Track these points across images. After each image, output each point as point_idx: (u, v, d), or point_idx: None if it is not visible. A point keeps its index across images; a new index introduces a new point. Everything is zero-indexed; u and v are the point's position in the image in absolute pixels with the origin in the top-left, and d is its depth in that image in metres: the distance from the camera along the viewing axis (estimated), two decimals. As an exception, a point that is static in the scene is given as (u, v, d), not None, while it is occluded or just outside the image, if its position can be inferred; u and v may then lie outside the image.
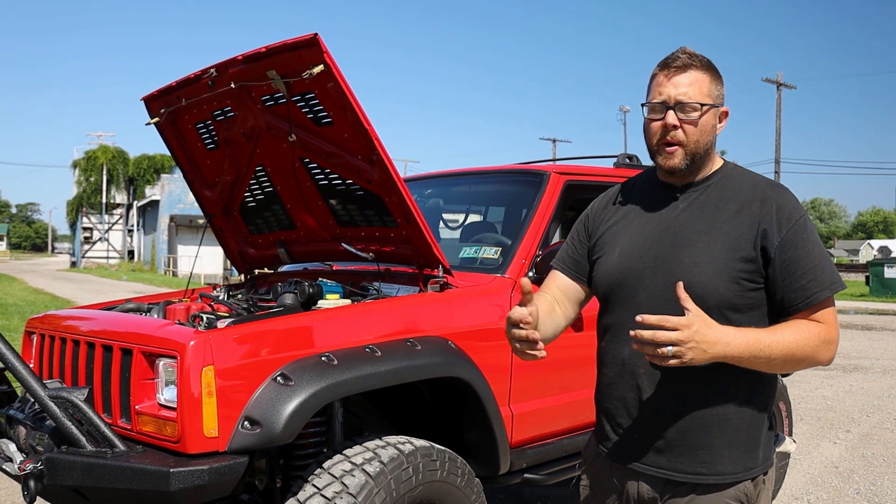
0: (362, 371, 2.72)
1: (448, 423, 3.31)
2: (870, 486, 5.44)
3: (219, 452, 2.49)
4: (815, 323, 1.89)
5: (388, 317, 3.00)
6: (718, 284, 1.90)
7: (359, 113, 3.00)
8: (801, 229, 1.91)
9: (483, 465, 3.23)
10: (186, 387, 2.47)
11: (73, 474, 2.50)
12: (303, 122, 3.34)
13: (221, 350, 2.53)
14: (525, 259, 3.51)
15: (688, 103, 1.95)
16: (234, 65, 3.28)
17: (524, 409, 3.36)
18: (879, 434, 7.00)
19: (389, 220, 3.39)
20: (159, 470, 2.39)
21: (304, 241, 3.94)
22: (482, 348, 3.18)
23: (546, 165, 4.08)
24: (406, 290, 3.43)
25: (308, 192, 3.64)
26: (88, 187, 54.14)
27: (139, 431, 2.65)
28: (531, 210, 3.68)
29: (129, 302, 3.76)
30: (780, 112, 36.78)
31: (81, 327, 3.12)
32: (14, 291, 23.93)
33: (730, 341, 1.79)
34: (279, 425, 2.48)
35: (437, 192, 4.64)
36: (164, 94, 3.75)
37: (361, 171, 3.27)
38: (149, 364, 2.67)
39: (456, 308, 3.20)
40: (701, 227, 1.98)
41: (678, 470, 1.97)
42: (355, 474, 2.63)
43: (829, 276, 1.90)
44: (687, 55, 1.99)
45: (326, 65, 2.92)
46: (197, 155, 4.00)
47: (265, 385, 2.57)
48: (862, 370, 10.74)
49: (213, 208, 4.16)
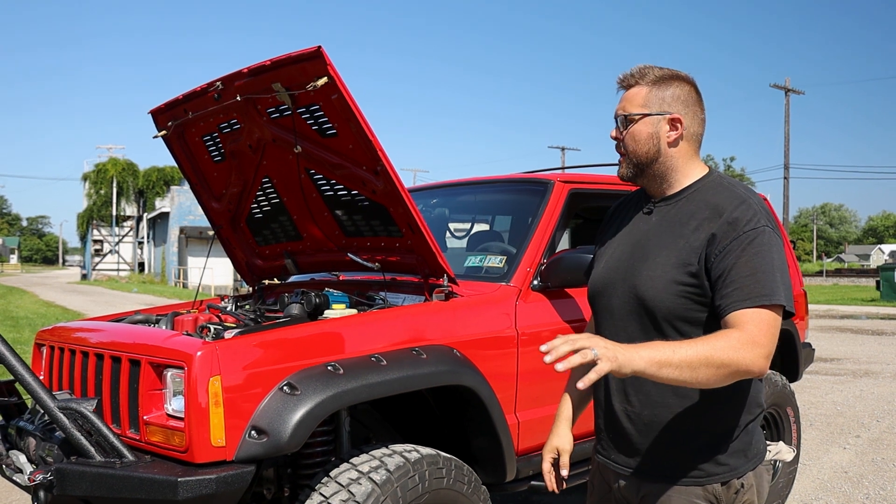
0: (368, 380, 2.74)
1: (454, 431, 3.33)
2: (879, 490, 5.42)
3: (226, 462, 2.51)
4: (734, 329, 1.85)
5: (394, 326, 3.03)
6: (665, 298, 1.98)
7: (363, 124, 3.03)
8: (745, 239, 1.90)
9: (489, 473, 3.24)
10: (194, 397, 2.49)
11: (82, 485, 2.53)
12: (308, 134, 3.37)
13: (228, 360, 2.56)
14: (530, 267, 3.53)
15: (620, 115, 2.10)
16: (240, 78, 3.32)
17: (530, 416, 3.37)
18: (889, 439, 6.97)
19: (394, 230, 3.42)
20: (167, 479, 2.41)
21: (310, 251, 3.97)
22: (487, 356, 3.20)
23: (550, 174, 4.10)
24: (412, 299, 3.45)
25: (314, 203, 3.67)
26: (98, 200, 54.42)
27: (148, 441, 2.67)
28: (535, 219, 3.70)
29: (137, 314, 3.79)
30: (788, 117, 36.74)
31: (90, 339, 3.15)
32: (25, 304, 24.09)
33: (633, 356, 1.72)
34: (286, 434, 2.50)
35: (443, 201, 4.67)
36: (172, 107, 3.79)
37: (366, 181, 3.30)
38: (157, 375, 2.70)
39: (461, 317, 3.22)
40: (664, 241, 2.05)
41: (649, 471, 2.07)
42: (362, 483, 2.65)
43: (761, 288, 1.86)
44: (630, 73, 2.11)
45: (330, 77, 2.95)
46: (204, 167, 4.03)
47: (272, 394, 2.59)
48: (872, 375, 10.70)
49: (220, 220, 4.19)
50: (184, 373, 2.54)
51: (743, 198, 2.00)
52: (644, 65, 2.11)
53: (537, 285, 3.50)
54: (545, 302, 3.51)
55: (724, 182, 2.08)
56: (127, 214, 55.73)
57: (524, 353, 3.34)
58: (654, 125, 2.06)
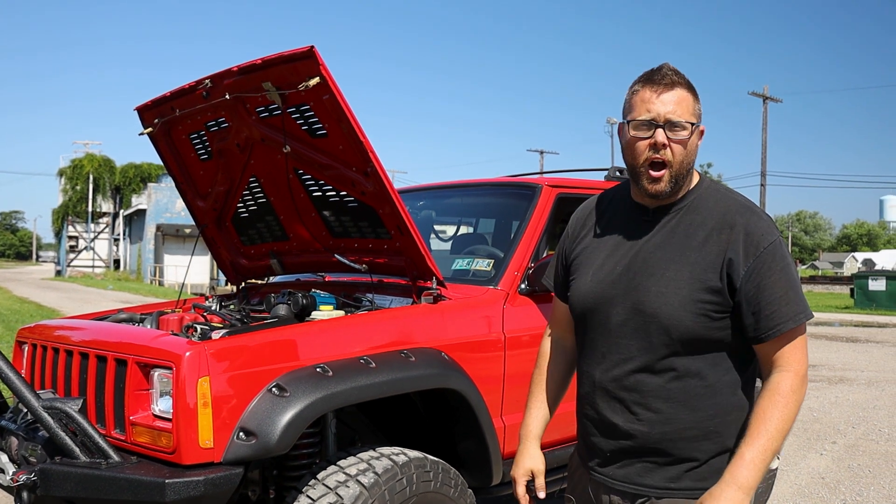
0: (357, 382, 2.73)
1: (439, 435, 3.32)
2: (856, 496, 5.48)
3: (214, 463, 2.49)
4: (781, 376, 1.88)
5: (383, 328, 3.02)
6: (683, 317, 1.89)
7: (354, 125, 3.02)
8: (768, 257, 1.88)
9: (476, 476, 3.24)
10: (182, 398, 2.47)
11: (66, 485, 2.50)
12: (297, 134, 3.35)
13: (217, 361, 2.54)
14: (517, 271, 3.53)
15: (677, 122, 1.90)
16: (230, 76, 3.29)
17: (516, 420, 3.36)
18: (865, 445, 7.05)
19: (383, 232, 3.41)
20: (154, 481, 2.39)
21: (296, 252, 3.95)
22: (475, 360, 3.20)
23: (538, 178, 4.11)
24: (399, 301, 3.45)
25: (301, 203, 3.65)
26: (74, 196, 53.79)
27: (133, 442, 2.65)
28: (523, 222, 3.71)
29: (121, 312, 3.75)
30: (766, 125, 37.08)
31: (74, 337, 3.11)
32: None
33: (747, 481, 1.82)
34: (275, 436, 2.48)
35: (429, 203, 4.67)
36: (158, 104, 3.76)
37: (356, 182, 3.29)
38: (143, 375, 2.67)
39: (449, 320, 3.21)
40: (670, 255, 1.95)
41: (643, 485, 2.00)
42: (350, 485, 2.64)
43: (794, 307, 1.87)
44: (672, 72, 1.95)
45: (322, 77, 2.94)
46: (190, 165, 4.00)
47: (260, 396, 2.58)
48: (847, 382, 10.82)
49: (205, 219, 4.16)
50: (172, 373, 2.51)
51: (747, 205, 1.97)
52: (668, 64, 1.98)
53: (524, 289, 3.51)
54: (532, 306, 3.51)
55: (719, 189, 2.04)
56: (103, 211, 55.11)
57: (511, 356, 3.34)
58: (699, 137, 1.98)
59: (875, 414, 8.48)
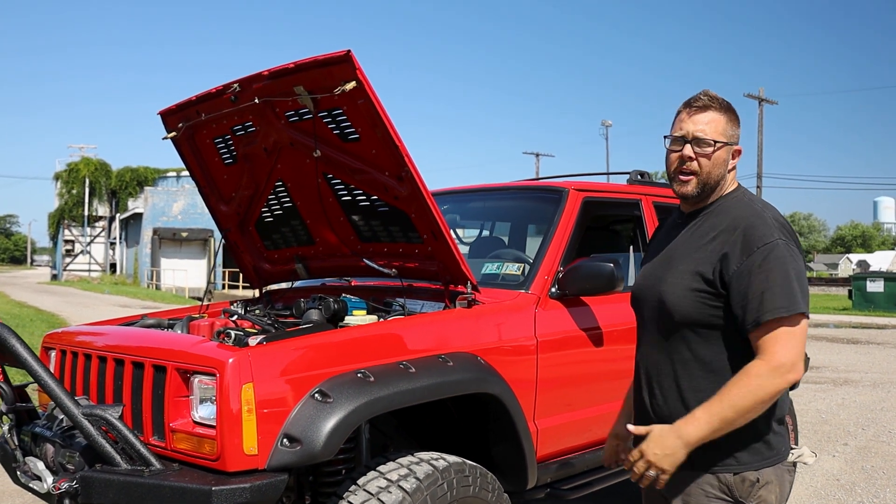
0: (399, 387, 2.72)
1: (473, 439, 3.31)
2: (873, 498, 5.48)
3: (258, 470, 2.48)
4: (754, 362, 2.06)
5: (420, 333, 3.01)
6: (682, 303, 2.17)
7: (390, 129, 3.00)
8: (761, 256, 2.07)
9: (510, 481, 3.23)
10: (226, 404, 2.45)
11: (109, 493, 2.48)
12: (328, 138, 3.33)
13: (261, 367, 2.52)
14: (548, 275, 3.52)
15: (703, 139, 2.20)
16: (259, 80, 3.27)
17: (548, 423, 3.37)
18: (877, 447, 7.06)
19: (415, 237, 3.39)
20: (200, 488, 2.37)
21: (322, 256, 3.93)
22: (509, 363, 3.19)
23: (564, 182, 4.10)
24: (430, 305, 3.43)
25: (330, 207, 3.63)
26: (70, 199, 53.50)
27: (173, 449, 2.63)
28: (552, 226, 3.70)
29: (145, 318, 3.72)
30: (761, 127, 37.15)
31: (107, 343, 3.08)
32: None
33: (688, 435, 2.06)
34: (319, 442, 2.47)
35: (454, 207, 4.65)
36: (183, 108, 3.73)
37: (388, 187, 3.27)
38: (183, 381, 2.65)
39: (484, 324, 3.20)
40: (688, 251, 2.24)
41: None
42: (392, 491, 2.62)
43: (779, 301, 2.04)
44: (708, 97, 2.24)
45: (359, 81, 2.92)
46: (214, 170, 3.98)
47: (303, 402, 2.56)
48: (852, 383, 10.83)
49: (228, 223, 4.14)
50: (215, 380, 2.49)
51: (758, 211, 2.18)
52: (708, 90, 2.26)
53: (555, 293, 3.50)
54: (563, 310, 3.50)
55: (744, 198, 2.27)
56: (99, 214, 54.78)
57: (543, 359, 3.33)
58: (727, 153, 2.25)
59: (883, 416, 8.49)
